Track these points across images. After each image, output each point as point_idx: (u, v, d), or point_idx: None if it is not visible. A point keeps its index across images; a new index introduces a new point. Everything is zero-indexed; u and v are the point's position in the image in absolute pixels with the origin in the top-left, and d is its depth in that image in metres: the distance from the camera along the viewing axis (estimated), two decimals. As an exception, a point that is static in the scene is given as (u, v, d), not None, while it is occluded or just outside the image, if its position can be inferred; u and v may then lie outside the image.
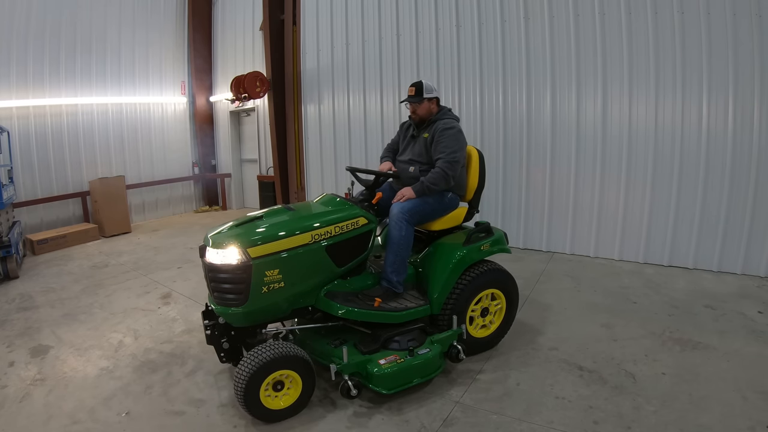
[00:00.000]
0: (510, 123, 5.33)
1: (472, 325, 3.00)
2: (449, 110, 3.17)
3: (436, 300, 2.83)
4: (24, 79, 6.37)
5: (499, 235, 3.15)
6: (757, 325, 3.34)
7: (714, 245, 4.40)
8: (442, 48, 5.68)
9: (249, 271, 2.38)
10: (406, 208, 2.84)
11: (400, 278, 2.85)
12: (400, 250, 2.80)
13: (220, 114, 8.86)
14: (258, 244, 2.42)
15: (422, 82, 3.06)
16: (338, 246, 2.66)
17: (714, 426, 2.30)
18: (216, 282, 2.46)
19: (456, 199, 3.13)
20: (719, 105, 4.23)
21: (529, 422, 2.39)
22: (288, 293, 2.53)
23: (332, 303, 2.65)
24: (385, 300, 2.76)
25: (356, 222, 2.71)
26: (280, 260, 2.46)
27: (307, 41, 6.93)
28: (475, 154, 3.19)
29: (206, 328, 2.64)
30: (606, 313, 3.64)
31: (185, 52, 8.54)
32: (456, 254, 2.88)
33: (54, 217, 6.80)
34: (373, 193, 2.94)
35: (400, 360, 2.54)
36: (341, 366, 2.46)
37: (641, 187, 4.68)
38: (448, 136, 2.94)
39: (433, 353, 2.61)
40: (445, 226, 3.10)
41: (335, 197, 2.90)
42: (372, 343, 2.66)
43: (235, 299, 2.43)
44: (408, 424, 2.42)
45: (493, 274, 3.01)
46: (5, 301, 4.36)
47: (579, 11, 4.77)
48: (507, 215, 5.50)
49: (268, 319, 2.62)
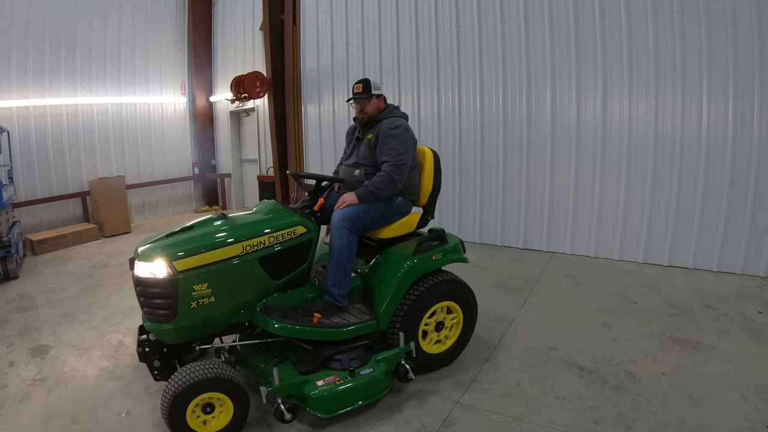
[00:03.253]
0: (510, 123, 5.33)
1: (425, 341, 2.80)
2: (396, 108, 2.99)
3: (382, 315, 2.63)
4: (24, 79, 6.37)
5: (455, 243, 2.96)
6: (757, 325, 3.34)
7: (714, 245, 4.40)
8: (442, 48, 5.68)
9: (176, 285, 2.21)
10: (347, 215, 2.64)
11: (343, 291, 2.65)
12: (341, 261, 2.61)
13: (220, 114, 8.86)
14: (184, 257, 2.24)
15: (369, 79, 2.90)
16: (273, 257, 2.46)
17: (714, 426, 2.30)
18: (144, 297, 2.30)
19: (407, 204, 2.93)
20: (719, 105, 4.23)
21: (529, 422, 2.39)
22: (219, 309, 2.36)
23: (268, 319, 2.46)
24: (326, 315, 2.58)
25: (293, 231, 2.52)
26: (209, 274, 2.27)
27: (307, 41, 6.93)
28: (429, 155, 3.00)
29: (138, 344, 2.48)
30: (606, 313, 3.64)
31: (185, 52, 8.54)
32: (404, 265, 2.68)
33: (54, 217, 6.80)
34: (316, 199, 2.74)
35: (339, 381, 2.35)
36: (273, 388, 2.26)
37: (641, 187, 4.68)
38: (394, 137, 2.74)
39: (377, 374, 2.43)
40: (395, 233, 2.88)
41: (274, 204, 2.70)
42: (311, 361, 2.47)
43: (163, 315, 2.26)
44: (408, 424, 2.42)
45: (447, 285, 2.81)
46: (5, 301, 4.36)
47: (579, 11, 4.77)
48: (507, 215, 5.50)
49: (201, 335, 2.44)
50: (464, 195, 5.77)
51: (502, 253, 5.31)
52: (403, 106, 6.08)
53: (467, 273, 4.65)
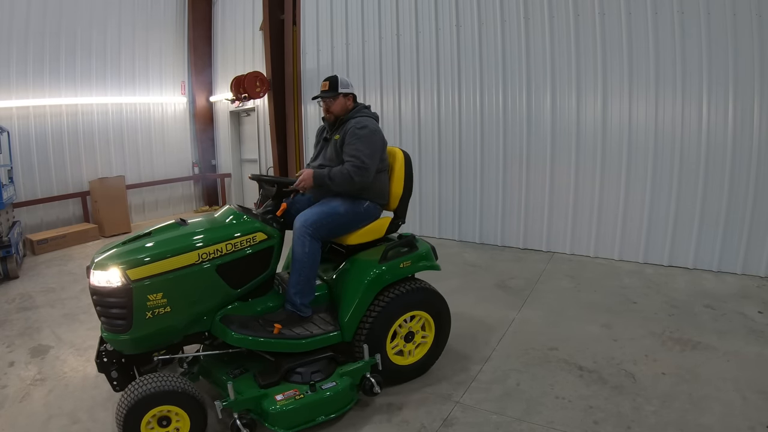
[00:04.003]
0: (510, 123, 5.33)
1: (395, 352, 2.68)
2: (366, 107, 2.86)
3: (347, 325, 2.52)
4: (24, 79, 6.37)
5: (425, 250, 2.82)
6: (757, 325, 3.34)
7: (714, 245, 4.40)
8: (442, 48, 5.68)
9: (129, 294, 2.13)
10: (309, 221, 2.52)
11: (305, 300, 2.55)
12: (303, 269, 2.49)
13: (220, 114, 8.86)
14: (138, 266, 2.15)
15: (337, 77, 2.76)
16: (231, 265, 2.35)
17: (714, 426, 2.30)
18: (100, 306, 2.22)
19: (375, 209, 2.80)
20: (719, 105, 4.22)
21: (529, 422, 2.39)
22: (176, 319, 2.26)
23: (227, 329, 2.36)
24: (287, 325, 2.47)
25: (252, 238, 2.41)
26: (164, 283, 2.18)
27: (307, 41, 6.93)
28: (400, 157, 2.87)
29: (97, 354, 2.39)
30: (606, 313, 3.64)
31: (185, 52, 8.54)
32: (370, 273, 2.55)
33: (54, 217, 6.80)
34: (279, 204, 2.60)
35: (300, 396, 2.25)
36: (228, 402, 2.16)
37: (641, 186, 4.68)
38: (359, 137, 2.62)
39: (340, 388, 2.32)
40: (364, 239, 2.75)
41: (233, 209, 2.59)
42: (271, 374, 2.36)
43: (119, 325, 2.18)
44: (408, 424, 2.42)
45: (417, 294, 2.67)
46: (5, 301, 4.36)
47: (579, 11, 4.77)
48: (507, 215, 5.50)
49: (159, 345, 2.35)
50: (464, 195, 5.77)
51: (502, 253, 5.31)
52: (403, 106, 6.10)
53: (467, 273, 4.68)
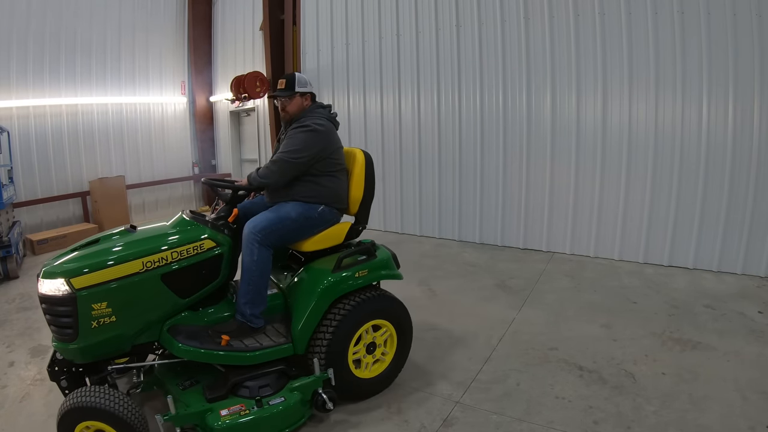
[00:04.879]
0: (510, 123, 5.33)
1: (354, 365, 2.56)
2: (322, 108, 2.75)
3: (298, 337, 2.40)
4: (24, 79, 6.37)
5: (384, 258, 2.68)
6: (757, 325, 3.34)
7: (714, 245, 4.39)
8: (442, 48, 5.68)
9: (74, 303, 2.08)
10: (258, 227, 2.41)
11: (256, 311, 2.43)
12: (252, 278, 2.39)
13: (220, 114, 8.86)
14: (82, 274, 2.10)
15: (294, 74, 2.66)
16: (178, 274, 2.28)
17: (714, 426, 2.30)
18: (48, 315, 2.18)
19: (331, 213, 2.67)
20: (719, 105, 4.22)
21: (529, 422, 2.39)
22: (122, 328, 2.20)
23: (173, 340, 2.27)
24: (237, 337, 2.37)
25: (200, 245, 2.33)
26: (108, 292, 2.13)
27: (307, 41, 6.92)
28: (360, 159, 2.76)
29: (49, 363, 2.35)
30: (606, 313, 3.64)
31: (185, 52, 8.53)
32: (322, 283, 2.44)
33: (54, 217, 6.79)
34: (231, 210, 2.50)
35: (245, 411, 2.15)
36: (169, 417, 2.07)
37: (641, 186, 4.68)
38: (293, 136, 2.55)
39: (289, 403, 2.22)
40: (320, 246, 2.63)
41: (184, 217, 2.50)
42: (219, 387, 2.28)
43: (66, 334, 2.14)
44: (408, 424, 2.42)
45: (376, 302, 2.55)
46: (5, 301, 4.36)
47: (579, 11, 4.77)
48: (507, 215, 5.50)
49: (109, 354, 2.28)
50: (464, 195, 5.77)
51: (502, 253, 5.31)
52: (403, 106, 6.10)
53: (467, 273, 4.68)
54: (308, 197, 2.60)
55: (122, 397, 2.08)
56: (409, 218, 6.29)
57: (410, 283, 4.39)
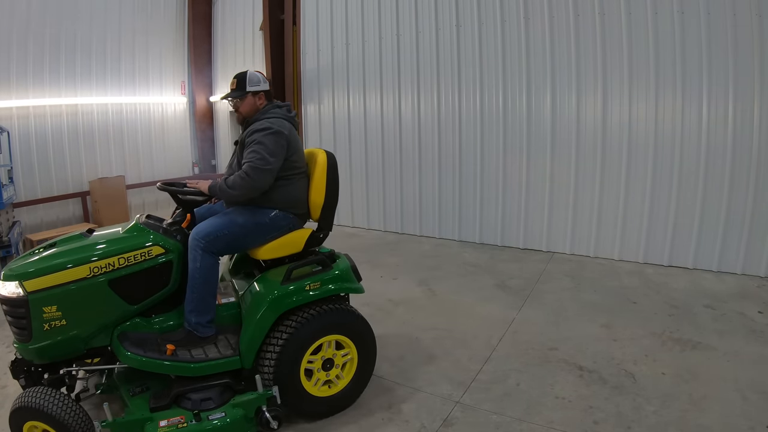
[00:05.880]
0: (510, 123, 5.33)
1: (311, 382, 2.42)
2: (278, 107, 2.60)
3: (246, 351, 2.31)
4: (24, 79, 6.36)
5: (342, 269, 2.52)
6: (757, 325, 3.34)
7: (714, 245, 4.39)
8: (442, 48, 5.68)
9: (26, 306, 2.12)
10: (202, 233, 2.31)
11: (202, 320, 2.35)
12: (196, 286, 2.31)
13: (220, 114, 8.86)
14: (34, 277, 2.13)
15: (246, 73, 2.54)
16: (126, 280, 2.24)
17: (714, 426, 2.30)
18: (7, 316, 2.22)
19: (286, 219, 2.53)
20: (719, 105, 4.22)
21: (529, 422, 2.39)
22: (72, 332, 2.20)
23: (120, 347, 2.25)
24: (185, 346, 2.31)
25: (148, 252, 2.28)
26: (57, 296, 2.14)
27: (307, 41, 6.92)
28: (321, 160, 2.60)
29: (12, 363, 2.37)
30: (606, 313, 3.64)
31: (185, 52, 8.53)
32: (270, 295, 2.33)
33: (54, 217, 6.79)
34: (185, 215, 2.45)
35: (183, 425, 2.10)
36: (106, 423, 2.04)
37: (641, 187, 4.68)
38: (256, 141, 2.40)
39: (229, 419, 2.14)
40: (277, 254, 2.51)
41: (137, 222, 2.43)
42: (162, 397, 2.24)
43: (22, 335, 2.19)
44: (408, 424, 2.42)
45: (333, 316, 2.39)
46: (5, 301, 4.36)
47: (579, 11, 4.77)
48: (507, 215, 5.50)
49: (64, 356, 2.27)
50: (464, 195, 5.77)
51: (502, 253, 5.31)
52: (403, 106, 6.10)
53: (468, 273, 4.68)
54: (260, 202, 2.48)
55: (65, 400, 2.06)
56: (409, 218, 6.29)
57: (410, 283, 4.40)
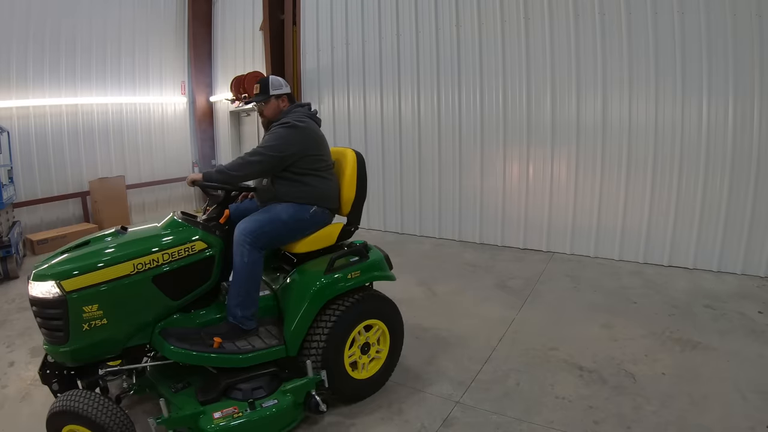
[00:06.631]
0: (510, 123, 5.33)
1: (350, 367, 2.55)
2: (301, 106, 2.73)
3: (291, 339, 2.40)
4: (24, 79, 6.36)
5: (377, 259, 2.69)
6: (757, 325, 3.34)
7: (714, 245, 4.40)
8: (442, 48, 5.68)
9: (65, 306, 2.07)
10: (248, 229, 2.39)
11: (247, 313, 2.42)
12: (243, 281, 2.38)
13: (220, 114, 8.86)
14: (72, 276, 2.09)
15: (269, 78, 2.67)
16: (169, 276, 2.26)
17: (714, 426, 2.30)
18: (38, 317, 2.17)
19: (323, 214, 2.66)
20: (719, 105, 4.23)
21: (529, 422, 2.39)
22: (113, 331, 2.19)
23: (164, 342, 2.26)
24: (229, 339, 2.36)
25: (191, 247, 2.32)
26: (99, 294, 2.12)
27: (307, 41, 6.93)
28: (351, 158, 2.73)
29: (41, 366, 2.33)
30: (606, 313, 3.64)
31: (185, 52, 8.53)
32: (314, 284, 2.43)
33: (54, 217, 6.79)
34: (222, 211, 2.48)
35: (238, 414, 2.15)
36: (162, 420, 2.06)
37: (641, 187, 4.68)
38: (274, 132, 2.56)
39: (282, 406, 2.22)
40: (312, 247, 2.62)
41: (175, 218, 2.48)
42: (211, 390, 2.26)
43: (57, 337, 2.13)
44: (408, 424, 2.42)
45: (369, 302, 2.56)
46: (5, 301, 4.36)
47: (579, 11, 4.77)
48: (507, 215, 5.50)
49: (100, 357, 2.26)
50: (464, 195, 5.77)
51: (502, 253, 5.31)
52: (403, 106, 6.10)
53: (468, 273, 4.68)
54: (299, 198, 2.57)
55: (107, 404, 2.04)
56: (409, 218, 6.29)
57: (410, 283, 4.39)
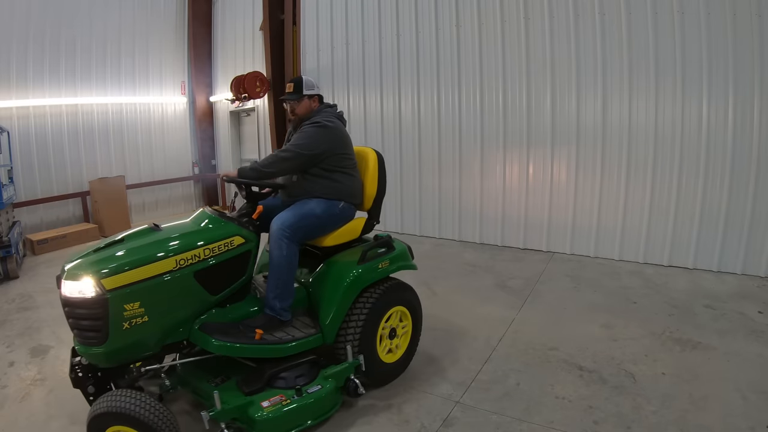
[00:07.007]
0: (510, 123, 5.33)
1: (381, 350, 2.69)
2: (330, 106, 2.88)
3: (328, 328, 2.52)
4: (24, 79, 6.37)
5: (402, 250, 2.87)
6: (757, 325, 3.34)
7: (714, 245, 4.40)
8: (442, 48, 5.68)
9: (105, 305, 2.04)
10: (286, 224, 2.48)
11: (285, 304, 2.51)
12: (281, 273, 2.47)
13: (220, 114, 8.86)
14: (113, 274, 2.06)
15: (302, 78, 2.77)
16: (210, 271, 2.30)
17: (714, 426, 2.30)
18: (73, 318, 2.12)
19: (350, 209, 2.81)
20: (719, 105, 4.22)
21: (529, 422, 2.39)
22: (154, 328, 2.19)
23: (206, 337, 2.29)
24: (268, 330, 2.43)
25: (230, 242, 2.36)
26: (141, 291, 2.11)
27: (307, 41, 6.93)
28: (372, 157, 2.91)
29: (71, 368, 2.27)
30: (606, 313, 3.64)
31: (185, 52, 8.53)
32: (349, 275, 2.57)
33: (54, 217, 6.80)
34: (254, 206, 2.55)
35: (286, 401, 2.23)
36: (215, 413, 2.09)
37: (641, 187, 4.68)
38: (305, 131, 2.65)
39: (326, 391, 2.33)
40: (339, 240, 2.75)
41: (207, 213, 2.52)
42: (255, 381, 2.33)
43: (94, 337, 2.09)
44: (408, 424, 2.42)
45: (395, 291, 2.74)
46: (5, 301, 4.36)
47: (579, 11, 4.77)
48: (507, 215, 5.50)
49: (136, 356, 2.25)
50: (464, 195, 5.78)
51: (502, 253, 5.31)
52: (403, 106, 6.10)
53: (467, 273, 4.68)
54: (328, 194, 2.69)
55: (155, 404, 2.03)
56: (409, 218, 6.29)
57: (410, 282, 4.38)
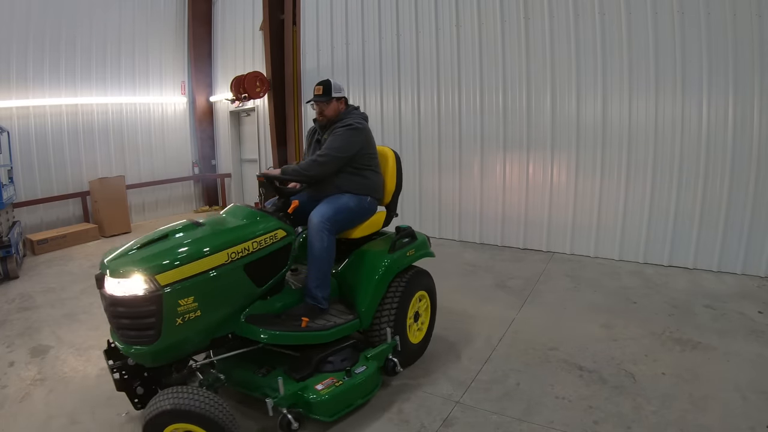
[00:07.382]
0: (510, 123, 5.33)
1: (410, 332, 2.94)
2: (356, 109, 3.04)
3: (364, 313, 2.69)
4: (24, 79, 6.37)
5: (422, 239, 3.12)
6: (757, 325, 3.34)
7: (714, 245, 4.40)
8: (442, 48, 5.68)
9: (159, 302, 2.01)
10: (326, 216, 2.63)
11: (325, 293, 2.65)
12: (322, 264, 2.61)
13: (220, 114, 8.86)
14: (168, 269, 2.05)
15: (330, 81, 2.92)
16: (257, 264, 2.37)
17: (714, 426, 2.30)
18: (120, 318, 2.07)
19: (374, 204, 3.00)
20: (719, 105, 4.23)
21: (529, 422, 2.39)
22: (206, 322, 2.20)
23: (254, 328, 2.37)
24: (311, 318, 2.56)
25: (275, 235, 2.44)
26: (195, 285, 2.11)
27: (307, 41, 6.93)
28: (391, 156, 3.12)
29: (113, 370, 2.23)
30: (606, 313, 3.64)
31: (185, 52, 8.53)
32: (382, 263, 2.76)
33: (54, 217, 6.80)
34: (289, 202, 2.64)
35: (339, 383, 2.36)
36: (278, 399, 2.19)
37: (641, 187, 4.69)
38: (338, 134, 2.79)
39: (371, 370, 2.49)
40: (365, 232, 2.95)
41: (245, 208, 2.61)
42: (304, 367, 2.45)
43: (145, 336, 2.05)
44: (408, 424, 2.42)
45: (418, 277, 2.99)
46: (5, 301, 4.36)
47: (579, 11, 4.77)
48: (507, 215, 5.50)
49: (184, 353, 2.26)
50: (464, 195, 5.78)
51: (502, 253, 5.31)
52: (403, 106, 6.10)
53: (467, 273, 4.68)
54: (357, 190, 2.86)
55: (216, 399, 2.03)
56: (409, 218, 6.28)
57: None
